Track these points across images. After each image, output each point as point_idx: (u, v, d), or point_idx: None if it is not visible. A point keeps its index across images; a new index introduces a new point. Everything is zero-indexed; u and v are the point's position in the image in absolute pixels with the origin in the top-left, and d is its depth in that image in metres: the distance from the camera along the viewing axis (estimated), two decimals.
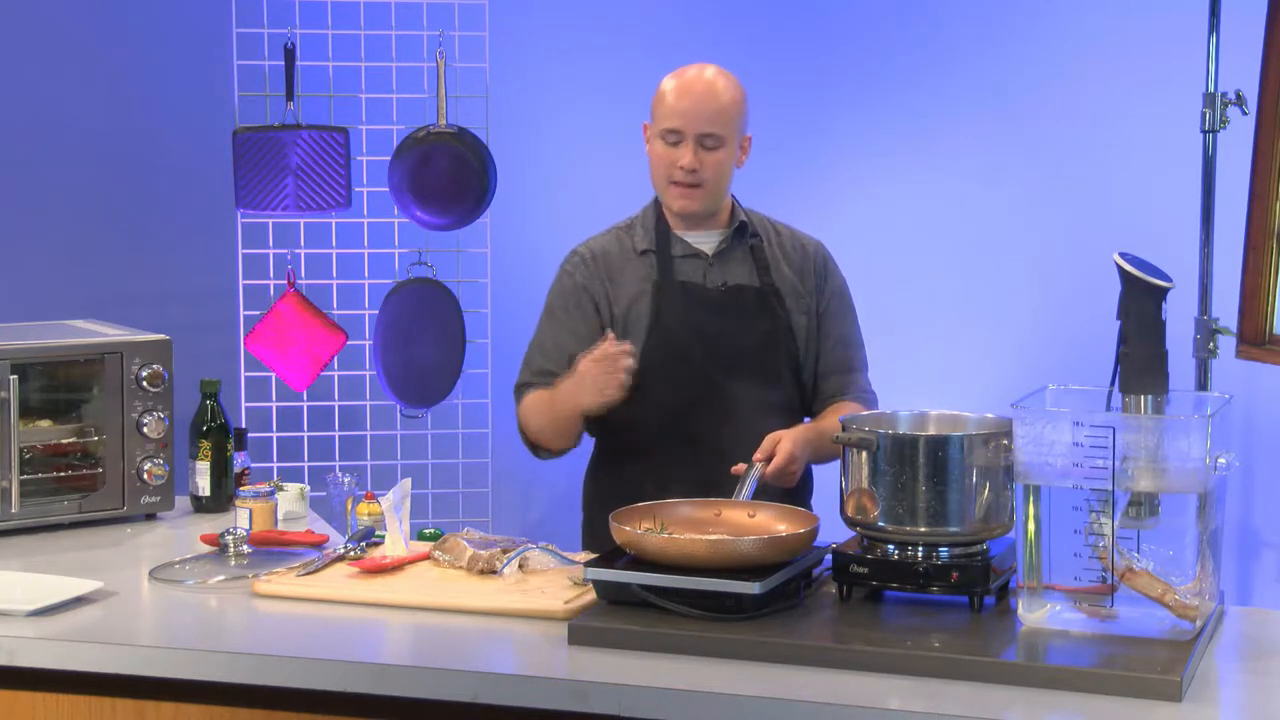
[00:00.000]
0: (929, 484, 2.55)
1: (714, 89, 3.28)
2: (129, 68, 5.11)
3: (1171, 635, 2.38)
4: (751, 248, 3.37)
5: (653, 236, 3.35)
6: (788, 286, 3.36)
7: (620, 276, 3.35)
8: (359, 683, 2.39)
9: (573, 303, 3.35)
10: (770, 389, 3.32)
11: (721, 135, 3.26)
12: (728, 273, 3.35)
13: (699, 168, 3.26)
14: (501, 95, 4.85)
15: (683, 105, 3.26)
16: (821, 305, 3.40)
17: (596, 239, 3.42)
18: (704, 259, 3.35)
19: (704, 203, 3.31)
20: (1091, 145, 4.80)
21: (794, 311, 3.36)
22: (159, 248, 5.15)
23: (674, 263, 3.34)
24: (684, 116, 3.26)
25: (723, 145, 3.27)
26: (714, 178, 3.29)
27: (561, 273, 3.41)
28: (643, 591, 2.51)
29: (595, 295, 3.34)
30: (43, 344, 3.31)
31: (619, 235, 3.41)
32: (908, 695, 2.25)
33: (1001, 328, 4.90)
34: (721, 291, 3.33)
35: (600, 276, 3.35)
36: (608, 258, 3.37)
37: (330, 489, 4.50)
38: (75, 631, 2.56)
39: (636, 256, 3.36)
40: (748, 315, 3.32)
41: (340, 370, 4.85)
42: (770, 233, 3.42)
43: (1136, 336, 2.45)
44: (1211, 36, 4.07)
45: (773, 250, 3.39)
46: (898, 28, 5.00)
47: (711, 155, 3.27)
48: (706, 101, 3.26)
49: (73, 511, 3.27)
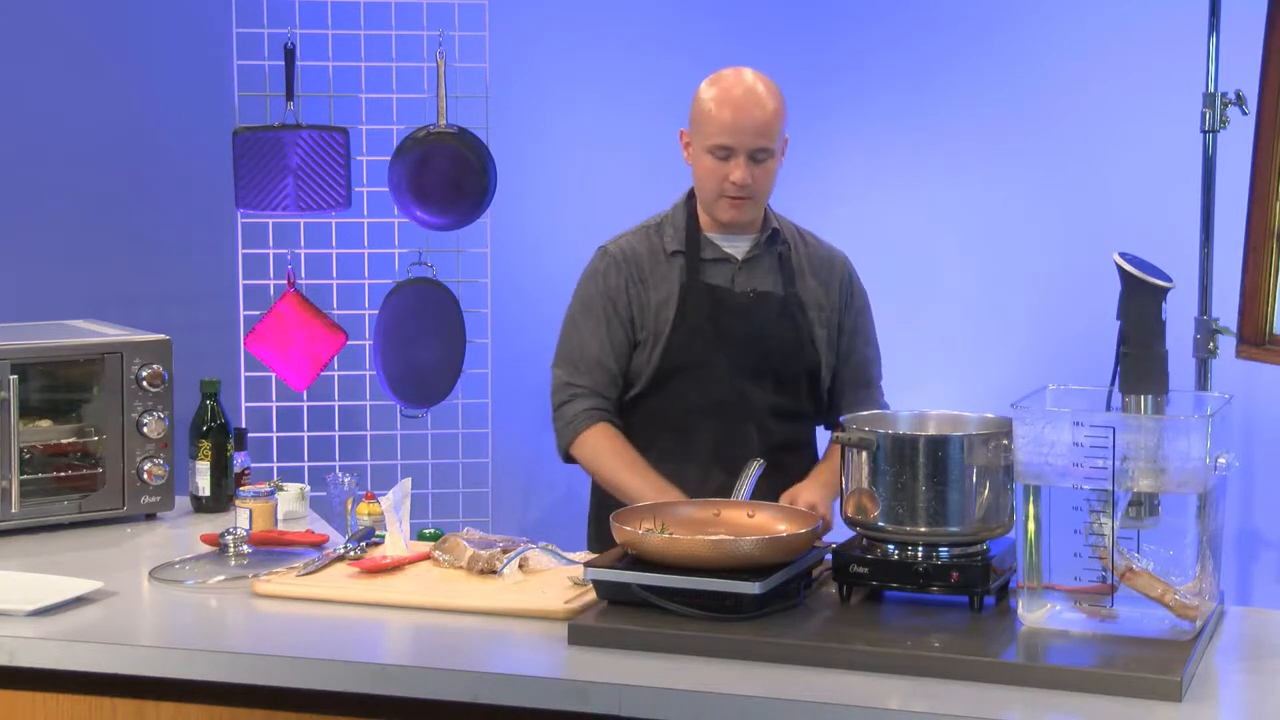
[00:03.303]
0: (929, 484, 2.55)
1: (759, 100, 3.23)
2: (129, 68, 5.11)
3: (1171, 635, 2.38)
4: (779, 255, 3.37)
5: (683, 238, 3.34)
6: (811, 298, 3.37)
7: (651, 278, 3.34)
8: (359, 683, 2.39)
9: (609, 307, 3.33)
10: (789, 397, 3.34)
11: (771, 147, 3.25)
12: (755, 279, 3.34)
13: (751, 180, 3.25)
14: (501, 95, 4.85)
15: (732, 121, 3.22)
16: (847, 320, 3.41)
17: (625, 237, 3.40)
18: (733, 264, 3.35)
19: (754, 212, 3.32)
20: (1091, 145, 4.80)
21: (815, 323, 3.36)
22: (159, 248, 5.15)
23: (703, 266, 3.33)
24: (735, 133, 3.22)
25: (772, 156, 3.27)
26: (764, 189, 3.29)
27: (594, 270, 3.38)
28: (643, 591, 2.51)
29: (630, 298, 3.33)
30: (43, 344, 3.31)
31: (648, 235, 3.39)
32: (908, 695, 2.25)
33: (1001, 328, 4.91)
34: (749, 297, 3.33)
35: (632, 278, 3.34)
36: (638, 259, 3.35)
37: (330, 489, 4.50)
38: (75, 631, 2.56)
39: (666, 258, 3.35)
40: (771, 322, 3.32)
41: (340, 370, 4.85)
42: (798, 242, 3.41)
43: (1136, 336, 2.45)
44: (1211, 36, 4.07)
45: (799, 260, 3.39)
46: (897, 28, 5.00)
47: (762, 168, 3.26)
48: (755, 115, 3.22)
49: (73, 511, 3.27)
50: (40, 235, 5.05)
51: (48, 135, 5.06)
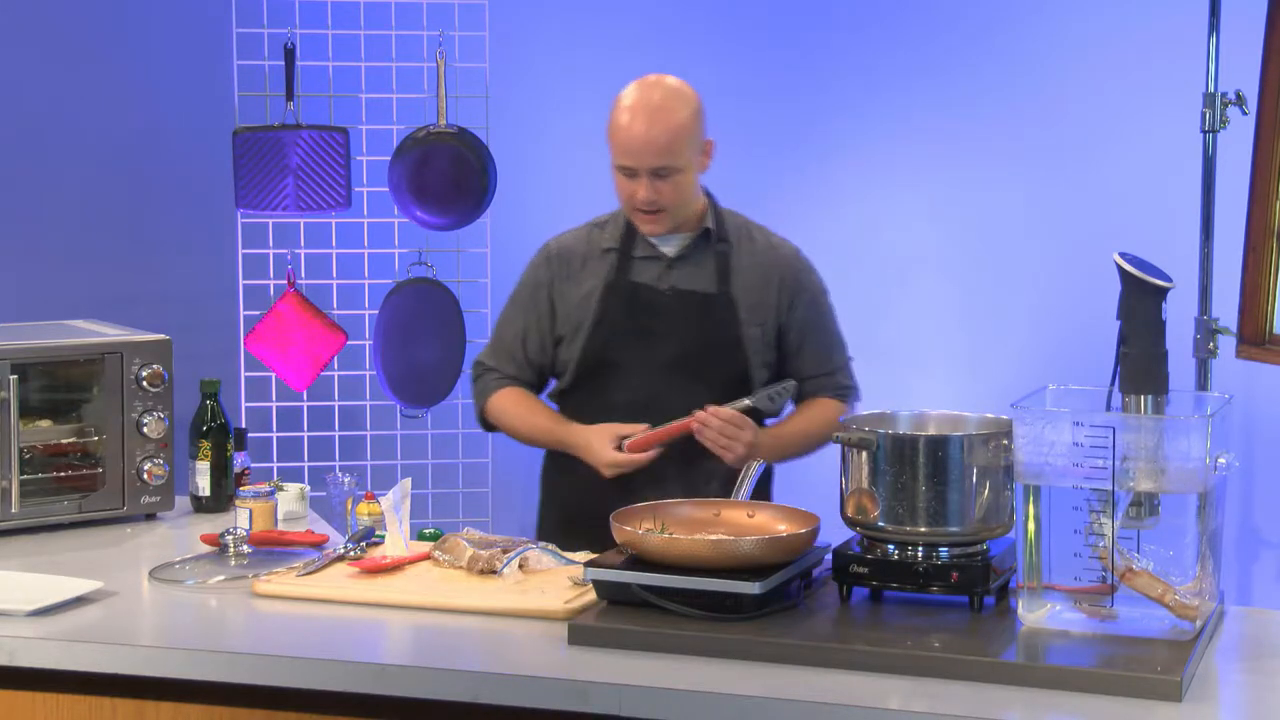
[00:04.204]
0: (929, 484, 2.55)
1: (660, 119, 3.22)
2: (129, 68, 5.11)
3: (1171, 635, 2.38)
4: (718, 254, 3.37)
5: (620, 235, 3.37)
6: (747, 297, 3.36)
7: (579, 274, 3.39)
8: (359, 683, 2.39)
9: (529, 300, 3.44)
10: (716, 395, 3.30)
11: (674, 164, 3.24)
12: (685, 277, 3.36)
13: (657, 197, 3.26)
14: (501, 95, 4.85)
15: (630, 142, 3.23)
16: (794, 317, 3.39)
17: (569, 234, 3.47)
18: (663, 261, 3.36)
19: (670, 223, 3.33)
20: (1091, 145, 4.80)
21: (747, 323, 3.35)
22: (159, 248, 5.15)
23: (633, 263, 3.36)
24: (634, 155, 3.24)
25: (678, 170, 3.26)
26: (675, 201, 3.29)
27: (530, 264, 3.49)
28: (643, 591, 2.51)
29: (552, 293, 3.40)
30: (43, 344, 3.31)
31: (590, 232, 3.44)
32: (908, 695, 2.25)
33: (1001, 328, 4.91)
34: (669, 295, 3.33)
35: (560, 274, 3.40)
36: (571, 255, 3.41)
37: (330, 489, 4.50)
38: (75, 631, 2.56)
39: (600, 254, 3.38)
40: (693, 321, 3.33)
41: (340, 370, 4.85)
42: (744, 238, 3.41)
43: (1136, 336, 2.45)
44: (1211, 36, 4.07)
45: (740, 258, 3.38)
46: (897, 28, 5.00)
47: (668, 183, 3.26)
48: (655, 136, 3.22)
49: (73, 511, 3.27)
50: (40, 235, 5.05)
51: (48, 135, 5.06)
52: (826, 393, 3.42)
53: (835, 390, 3.43)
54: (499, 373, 3.47)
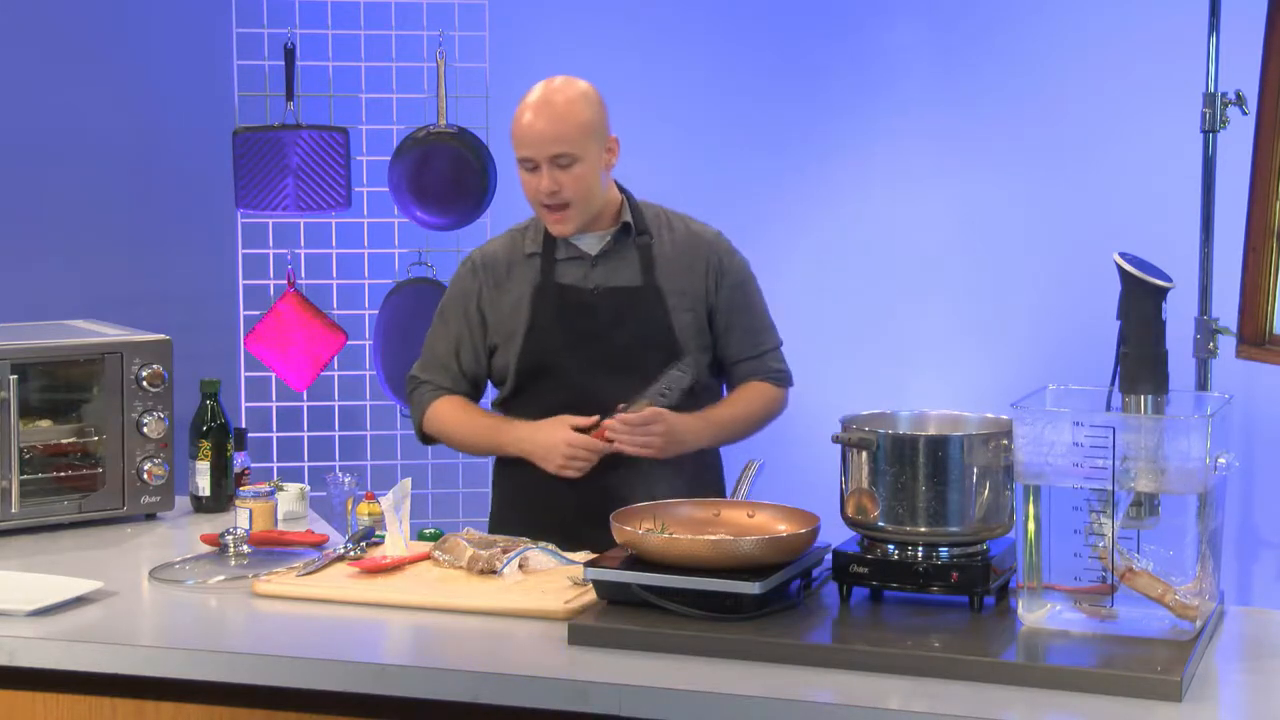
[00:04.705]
0: (929, 484, 2.55)
1: (553, 108, 3.26)
2: (129, 68, 5.11)
3: (1171, 635, 2.38)
4: (639, 246, 3.37)
5: (542, 239, 3.37)
6: (673, 285, 3.36)
7: (506, 282, 3.38)
8: (359, 683, 2.39)
9: (459, 310, 3.41)
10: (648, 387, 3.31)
11: (573, 152, 3.25)
12: (610, 273, 3.35)
13: (559, 188, 3.26)
14: (501, 95, 4.85)
15: (526, 133, 3.27)
16: (721, 298, 3.39)
17: (492, 242, 3.48)
18: (586, 260, 3.36)
19: (577, 221, 3.31)
20: (1091, 145, 4.80)
21: (676, 310, 3.35)
22: (159, 248, 5.15)
23: (557, 266, 3.35)
24: (530, 145, 3.26)
25: (578, 160, 3.26)
26: (579, 193, 3.28)
27: (455, 276, 3.47)
28: (643, 591, 2.51)
29: (481, 303, 3.39)
30: (43, 344, 3.31)
31: (513, 238, 3.44)
32: (908, 695, 2.25)
33: (1001, 328, 4.91)
34: (596, 293, 3.34)
35: (487, 283, 3.39)
36: (497, 263, 3.40)
37: (330, 489, 4.50)
38: (75, 631, 2.56)
39: (525, 259, 3.38)
40: (624, 316, 3.33)
41: (340, 370, 4.85)
42: (664, 228, 3.41)
43: (1136, 336, 2.45)
44: (1211, 36, 4.07)
45: (663, 248, 3.38)
46: (897, 29, 5.00)
47: (568, 173, 3.26)
48: (549, 124, 3.24)
49: (73, 511, 3.27)
50: (40, 235, 5.06)
51: (48, 135, 5.06)
52: (758, 376, 3.42)
53: (767, 374, 3.42)
54: (432, 385, 3.43)
